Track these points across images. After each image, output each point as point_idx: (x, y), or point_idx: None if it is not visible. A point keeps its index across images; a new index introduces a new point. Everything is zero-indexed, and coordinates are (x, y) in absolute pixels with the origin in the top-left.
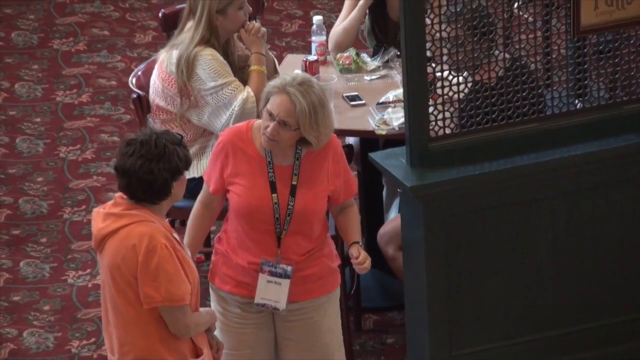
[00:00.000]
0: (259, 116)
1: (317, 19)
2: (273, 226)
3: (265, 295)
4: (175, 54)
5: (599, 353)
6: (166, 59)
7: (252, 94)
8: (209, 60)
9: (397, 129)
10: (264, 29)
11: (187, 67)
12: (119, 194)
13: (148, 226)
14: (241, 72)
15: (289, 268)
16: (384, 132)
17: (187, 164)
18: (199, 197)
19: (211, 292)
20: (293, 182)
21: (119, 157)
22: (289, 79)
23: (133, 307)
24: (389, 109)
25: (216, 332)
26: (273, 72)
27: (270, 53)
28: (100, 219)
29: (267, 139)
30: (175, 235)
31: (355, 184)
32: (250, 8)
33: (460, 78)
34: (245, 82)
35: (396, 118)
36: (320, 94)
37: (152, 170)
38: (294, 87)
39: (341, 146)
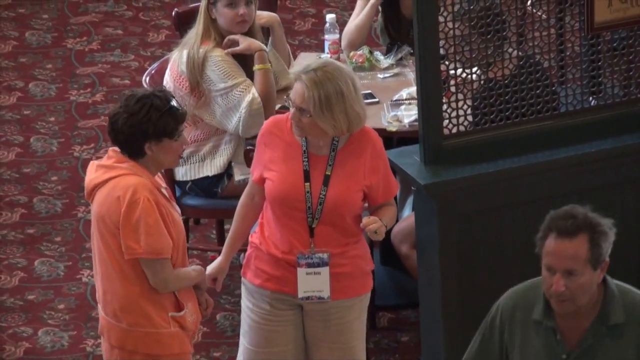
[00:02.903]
0: (270, 114)
1: (330, 17)
2: (305, 214)
3: (308, 287)
4: (185, 53)
5: None
6: (177, 58)
7: (256, 95)
8: (219, 61)
9: (407, 126)
10: (232, 37)
11: (197, 67)
12: (112, 147)
13: (134, 179)
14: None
15: (325, 255)
16: (394, 129)
17: (164, 132)
18: (246, 189)
19: (242, 287)
20: (327, 173)
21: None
22: (306, 65)
23: (115, 257)
24: (402, 106)
25: (244, 329)
26: (288, 62)
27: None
28: (93, 170)
29: (294, 124)
30: (164, 191)
31: (396, 186)
32: (244, 10)
33: (474, 76)
34: None
35: (408, 115)
36: (340, 81)
37: (117, 121)
38: (309, 74)
39: (382, 144)
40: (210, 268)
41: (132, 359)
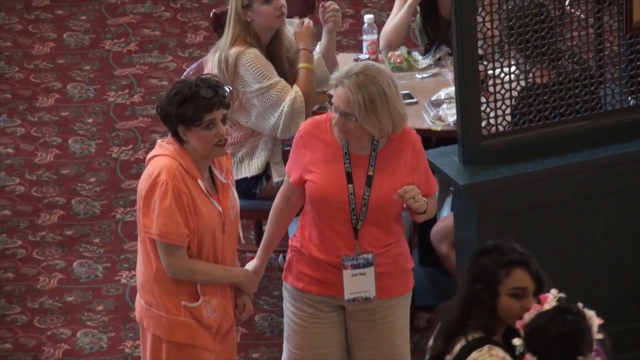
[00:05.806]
0: (307, 115)
1: (368, 17)
2: (349, 216)
3: (354, 289)
4: (217, 56)
5: None
6: (211, 62)
7: (299, 93)
8: (252, 60)
9: (452, 124)
10: (312, 28)
11: (229, 69)
12: None
13: (167, 161)
14: (293, 68)
15: (370, 256)
16: (439, 128)
17: (184, 118)
18: (280, 191)
19: (284, 291)
20: (369, 173)
21: None
22: (346, 69)
23: (142, 234)
24: (444, 105)
25: (287, 333)
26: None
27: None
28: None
29: (337, 130)
30: (200, 182)
31: (436, 184)
32: (283, 1)
33: (512, 76)
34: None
35: (451, 114)
36: (382, 83)
37: (159, 105)
38: (350, 78)
39: (421, 142)
40: None
41: (145, 335)
